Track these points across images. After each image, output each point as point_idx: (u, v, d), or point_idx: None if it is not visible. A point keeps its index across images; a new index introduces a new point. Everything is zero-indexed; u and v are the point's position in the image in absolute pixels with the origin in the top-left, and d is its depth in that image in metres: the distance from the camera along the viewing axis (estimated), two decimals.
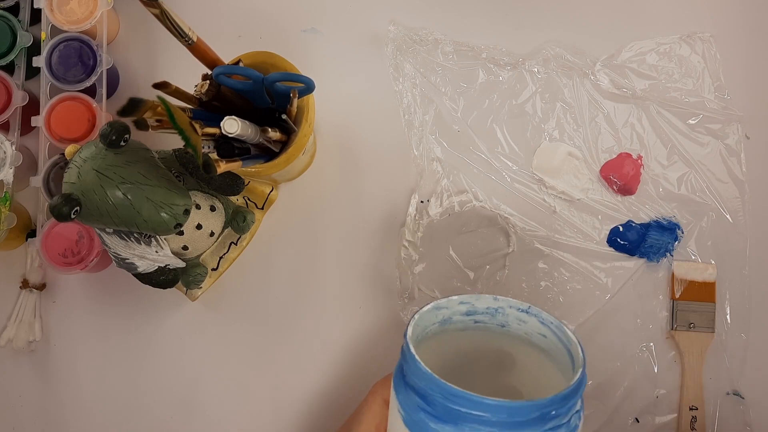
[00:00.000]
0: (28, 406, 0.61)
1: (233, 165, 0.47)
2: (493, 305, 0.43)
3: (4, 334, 0.61)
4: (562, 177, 0.61)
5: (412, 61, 0.64)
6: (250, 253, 0.61)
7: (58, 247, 0.58)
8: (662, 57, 0.63)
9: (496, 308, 0.43)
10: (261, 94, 0.50)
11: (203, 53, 0.48)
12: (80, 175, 0.43)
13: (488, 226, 0.62)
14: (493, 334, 0.45)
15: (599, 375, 0.60)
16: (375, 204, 0.63)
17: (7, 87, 0.59)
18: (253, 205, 0.61)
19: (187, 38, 0.45)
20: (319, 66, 0.64)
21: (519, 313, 0.43)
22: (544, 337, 0.42)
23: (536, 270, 0.61)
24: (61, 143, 0.59)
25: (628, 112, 0.63)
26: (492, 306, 0.43)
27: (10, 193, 0.58)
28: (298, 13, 0.65)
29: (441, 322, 0.43)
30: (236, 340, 0.61)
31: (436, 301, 0.42)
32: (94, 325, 0.62)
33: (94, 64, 0.60)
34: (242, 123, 0.47)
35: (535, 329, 0.43)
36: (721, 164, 0.62)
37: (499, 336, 0.44)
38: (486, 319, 0.44)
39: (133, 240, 0.49)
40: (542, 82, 0.63)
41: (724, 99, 0.63)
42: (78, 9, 0.60)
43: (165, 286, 0.54)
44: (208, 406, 0.61)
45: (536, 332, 0.43)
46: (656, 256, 0.61)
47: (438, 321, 0.43)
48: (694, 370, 0.59)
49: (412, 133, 0.63)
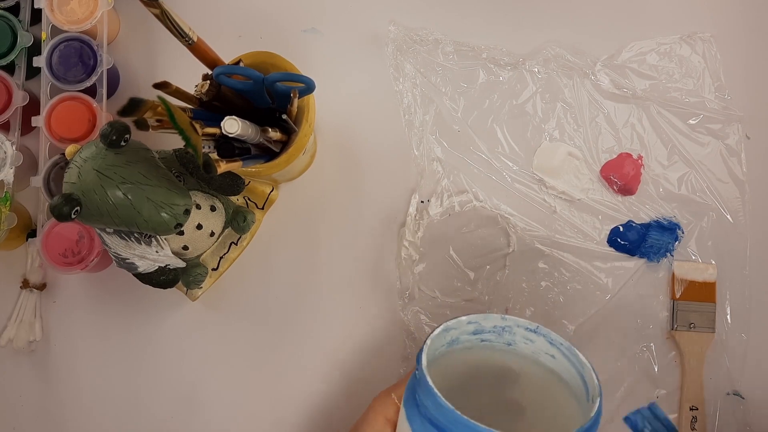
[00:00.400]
0: (28, 406, 0.61)
1: (233, 165, 0.47)
2: (500, 324, 0.43)
3: (5, 334, 0.61)
4: (563, 177, 0.61)
5: (412, 61, 0.64)
6: (250, 253, 0.61)
7: (58, 247, 0.58)
8: (662, 57, 0.63)
9: (503, 327, 0.43)
10: (261, 94, 0.50)
11: (204, 53, 0.48)
12: (81, 175, 0.43)
13: (488, 226, 0.62)
14: (499, 352, 0.44)
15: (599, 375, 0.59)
16: (375, 204, 0.63)
17: (7, 87, 0.59)
18: (254, 205, 0.61)
19: (187, 38, 0.45)
20: (319, 66, 0.64)
21: (527, 332, 0.42)
22: (552, 357, 0.42)
23: (536, 270, 0.61)
24: (61, 143, 0.59)
25: (628, 112, 0.63)
26: (499, 325, 0.43)
27: (10, 193, 0.58)
28: (298, 13, 0.65)
29: (449, 343, 0.43)
30: (236, 340, 0.61)
31: (445, 323, 0.41)
32: (94, 325, 0.62)
33: (95, 64, 0.60)
34: (242, 123, 0.47)
35: (543, 349, 0.42)
36: (721, 164, 0.62)
37: (505, 353, 0.44)
38: (493, 338, 0.43)
39: (134, 240, 0.49)
40: (543, 82, 0.63)
41: (725, 99, 0.63)
42: (78, 9, 0.60)
43: (165, 286, 0.54)
44: (208, 406, 0.61)
45: (544, 352, 0.42)
46: (656, 256, 0.61)
47: (446, 342, 0.43)
48: (695, 370, 0.59)
49: (412, 133, 0.63)
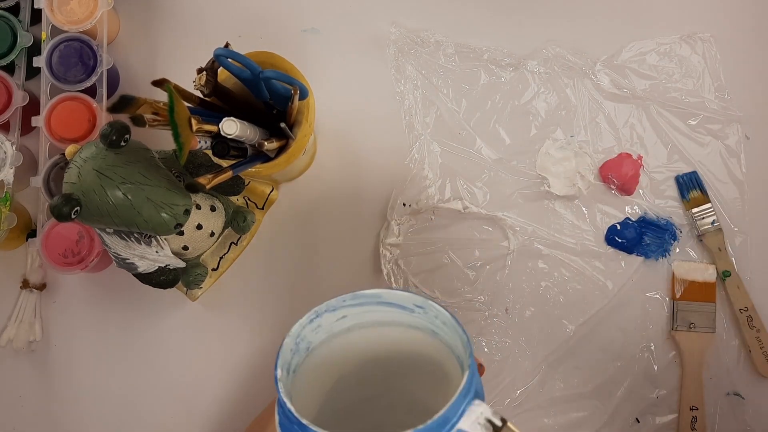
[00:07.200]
0: (28, 406, 0.61)
1: (222, 177, 0.47)
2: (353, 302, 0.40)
3: (5, 334, 0.61)
4: (563, 177, 0.61)
5: (413, 62, 0.64)
6: (250, 253, 0.61)
7: (58, 247, 0.58)
8: (662, 57, 0.63)
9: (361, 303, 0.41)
10: (259, 86, 0.50)
11: None
12: (80, 175, 0.43)
13: (488, 226, 0.62)
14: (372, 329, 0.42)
15: (599, 375, 0.60)
16: (375, 204, 0.62)
17: (7, 87, 0.59)
18: (254, 205, 0.61)
19: None
20: (319, 66, 0.64)
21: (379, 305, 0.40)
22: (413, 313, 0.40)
23: (536, 270, 0.61)
24: (61, 143, 0.59)
25: (628, 112, 0.63)
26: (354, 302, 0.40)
27: (10, 193, 0.58)
28: (298, 13, 0.65)
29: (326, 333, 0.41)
30: (236, 340, 0.61)
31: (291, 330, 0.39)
32: (94, 325, 0.62)
33: (95, 64, 0.60)
34: (241, 124, 0.47)
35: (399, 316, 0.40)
36: (721, 164, 0.62)
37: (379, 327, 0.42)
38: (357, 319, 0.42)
39: (134, 240, 0.49)
40: (544, 83, 0.63)
41: (724, 99, 0.63)
42: (78, 9, 0.60)
43: (165, 286, 0.54)
44: (208, 406, 0.61)
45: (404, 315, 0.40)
46: (654, 254, 0.61)
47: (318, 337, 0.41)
48: (695, 370, 0.59)
49: (413, 134, 0.63)
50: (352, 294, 0.40)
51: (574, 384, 0.60)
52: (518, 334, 0.60)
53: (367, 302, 0.40)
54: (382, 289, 0.39)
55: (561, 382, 0.60)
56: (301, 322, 0.39)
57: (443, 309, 0.38)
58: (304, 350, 0.40)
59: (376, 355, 0.44)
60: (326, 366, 0.43)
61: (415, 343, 0.43)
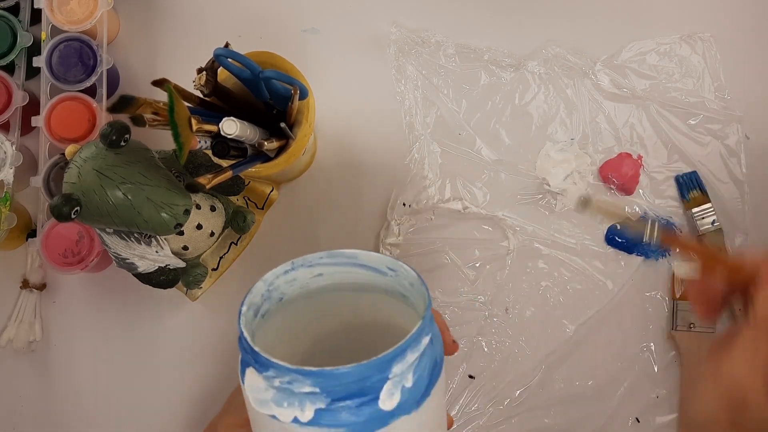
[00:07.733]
0: (28, 406, 0.61)
1: (222, 177, 0.47)
2: (330, 260, 0.40)
3: (5, 334, 0.61)
4: (563, 177, 0.61)
5: (414, 62, 0.64)
6: (250, 253, 0.61)
7: (58, 247, 0.58)
8: (662, 57, 0.63)
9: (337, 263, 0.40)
10: (259, 86, 0.50)
11: None
12: (80, 175, 0.43)
13: (488, 226, 0.62)
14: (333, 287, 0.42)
15: (599, 375, 0.60)
16: (375, 204, 0.62)
17: (7, 87, 0.59)
18: (254, 205, 0.61)
19: None
20: (319, 66, 0.64)
21: (354, 267, 0.40)
22: (386, 276, 0.40)
23: (536, 270, 0.61)
24: (61, 143, 0.59)
25: (628, 112, 0.63)
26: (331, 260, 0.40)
27: (10, 193, 0.58)
28: (298, 13, 0.65)
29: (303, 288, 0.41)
30: (236, 339, 0.61)
31: None
32: (94, 325, 0.62)
33: (95, 64, 0.60)
34: (241, 124, 0.47)
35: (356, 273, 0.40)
36: (721, 164, 0.62)
37: None
38: (333, 279, 0.41)
39: (134, 240, 0.49)
40: (544, 83, 0.63)
41: (724, 99, 0.63)
42: (78, 9, 0.60)
43: (165, 286, 0.54)
44: (208, 406, 0.61)
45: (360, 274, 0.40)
46: (654, 254, 0.61)
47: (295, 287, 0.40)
48: (695, 370, 0.59)
49: (413, 134, 0.63)
50: (329, 251, 0.39)
51: (574, 384, 0.60)
52: (518, 334, 0.60)
53: (343, 262, 0.40)
54: (359, 250, 0.39)
55: (561, 382, 0.60)
56: (276, 271, 0.39)
57: (411, 269, 0.38)
58: (276, 300, 0.40)
59: (350, 323, 0.44)
60: (301, 324, 0.43)
61: (389, 313, 0.42)
